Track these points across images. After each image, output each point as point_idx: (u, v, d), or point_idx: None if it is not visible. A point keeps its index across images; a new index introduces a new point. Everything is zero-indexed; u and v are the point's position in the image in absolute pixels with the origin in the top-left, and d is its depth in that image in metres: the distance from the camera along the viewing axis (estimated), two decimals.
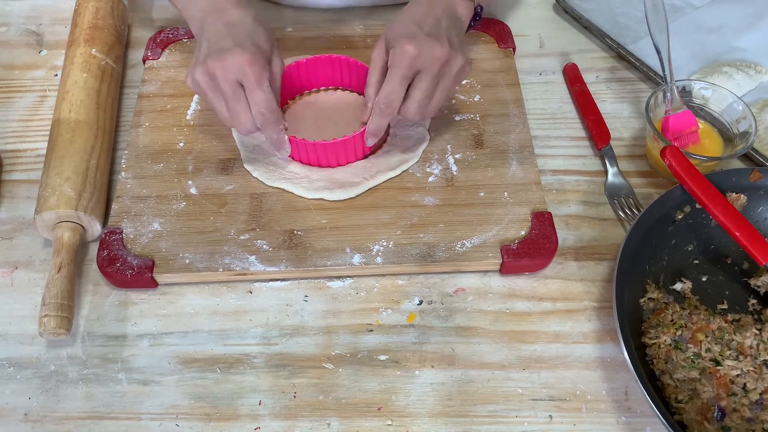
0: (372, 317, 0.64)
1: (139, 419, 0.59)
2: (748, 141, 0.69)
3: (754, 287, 0.65)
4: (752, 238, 0.60)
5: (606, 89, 0.82)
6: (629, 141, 0.77)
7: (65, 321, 0.60)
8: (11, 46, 0.87)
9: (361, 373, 0.61)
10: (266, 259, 0.65)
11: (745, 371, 0.58)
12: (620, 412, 0.59)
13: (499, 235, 0.66)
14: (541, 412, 0.59)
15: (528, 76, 0.82)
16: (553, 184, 0.73)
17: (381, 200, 0.69)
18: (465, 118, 0.75)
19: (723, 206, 0.61)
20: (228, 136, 0.74)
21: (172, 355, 0.62)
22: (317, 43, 0.83)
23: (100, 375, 0.61)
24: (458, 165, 0.72)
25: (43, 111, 0.80)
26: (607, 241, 0.69)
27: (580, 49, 0.86)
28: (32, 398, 0.60)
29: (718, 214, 0.61)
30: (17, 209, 0.72)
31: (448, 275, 0.66)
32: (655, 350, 0.60)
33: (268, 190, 0.70)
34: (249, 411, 0.59)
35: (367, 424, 0.58)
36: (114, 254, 0.65)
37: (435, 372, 0.61)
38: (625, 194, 0.72)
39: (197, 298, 0.65)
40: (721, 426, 0.56)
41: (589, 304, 0.65)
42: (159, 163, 0.72)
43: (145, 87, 0.79)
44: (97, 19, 0.80)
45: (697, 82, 0.74)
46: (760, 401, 0.57)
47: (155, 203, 0.69)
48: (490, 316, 0.64)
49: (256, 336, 0.63)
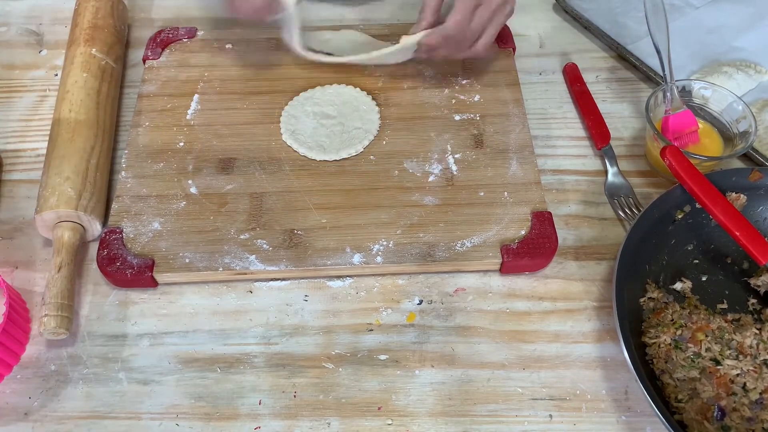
0: (372, 317, 0.64)
1: (139, 419, 0.59)
2: (748, 141, 0.69)
3: (754, 287, 0.65)
4: (752, 238, 0.60)
5: (606, 89, 0.82)
6: (629, 141, 0.77)
7: (65, 321, 0.60)
8: (11, 46, 0.87)
9: (361, 373, 0.61)
10: (266, 258, 0.65)
11: (745, 371, 0.58)
12: (620, 412, 0.59)
13: (499, 234, 0.66)
14: (541, 411, 0.59)
15: (528, 76, 0.82)
16: (553, 184, 0.73)
17: (381, 200, 0.69)
18: (465, 118, 0.75)
19: (723, 206, 0.61)
20: (228, 135, 0.74)
21: (172, 355, 0.62)
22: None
23: (100, 375, 0.61)
24: (458, 165, 0.72)
25: (43, 111, 0.80)
26: (607, 241, 0.69)
27: (580, 49, 0.86)
28: (32, 398, 0.60)
29: (718, 214, 0.61)
30: (17, 209, 0.72)
31: (448, 275, 0.66)
32: (655, 350, 0.60)
33: (269, 190, 0.70)
34: (249, 411, 0.59)
35: (367, 423, 0.58)
36: (114, 254, 0.65)
37: (435, 372, 0.61)
38: (625, 194, 0.72)
39: (197, 298, 0.65)
40: (721, 425, 0.56)
41: (589, 304, 0.65)
42: (159, 162, 0.72)
43: (145, 87, 0.79)
44: (97, 18, 0.80)
45: (697, 82, 0.74)
46: (760, 401, 0.57)
47: (155, 203, 0.69)
48: (490, 315, 0.64)
49: (256, 336, 0.63)
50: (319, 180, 0.71)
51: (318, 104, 0.76)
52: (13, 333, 0.60)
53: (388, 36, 0.82)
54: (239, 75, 0.80)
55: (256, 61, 0.80)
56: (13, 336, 0.60)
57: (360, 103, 0.76)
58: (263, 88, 0.78)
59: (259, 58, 0.81)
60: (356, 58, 0.77)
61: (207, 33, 0.84)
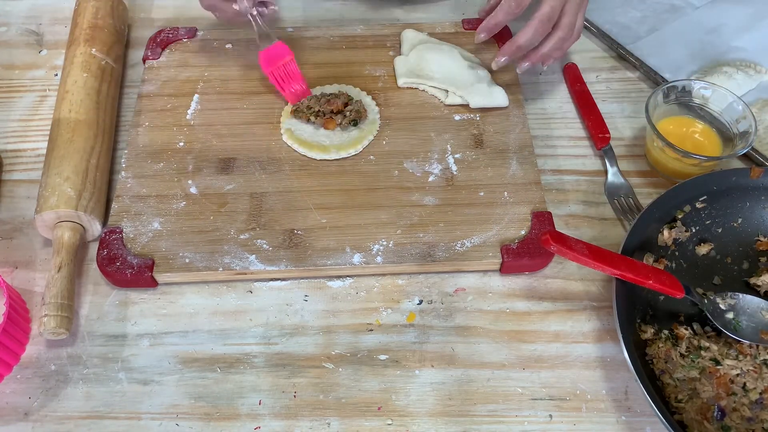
0: (372, 317, 0.64)
1: (139, 419, 0.59)
2: (748, 141, 0.68)
3: (754, 287, 0.65)
4: (663, 280, 0.58)
5: (606, 89, 0.82)
6: (629, 141, 0.77)
7: (65, 321, 0.60)
8: (11, 46, 0.87)
9: (361, 373, 0.61)
10: (266, 258, 0.65)
11: (744, 371, 0.58)
12: (620, 412, 0.59)
13: (499, 234, 0.66)
14: (541, 411, 0.59)
15: (528, 76, 0.82)
16: (553, 184, 0.73)
17: (381, 200, 0.69)
18: (465, 118, 0.75)
19: (626, 263, 0.58)
20: (228, 135, 0.74)
21: (172, 355, 0.62)
22: (317, 43, 0.83)
23: (100, 375, 0.61)
24: (458, 165, 0.72)
25: (43, 111, 0.80)
26: (607, 241, 0.69)
27: (580, 49, 0.85)
28: (32, 398, 0.60)
29: (625, 272, 0.58)
30: (17, 209, 0.72)
31: (448, 275, 0.66)
32: (655, 350, 0.60)
33: (269, 190, 0.70)
34: (249, 411, 0.59)
35: (367, 423, 0.58)
36: (114, 253, 0.65)
37: (435, 371, 0.61)
38: (625, 194, 0.72)
39: (197, 298, 0.65)
40: (721, 425, 0.56)
41: (588, 304, 0.65)
42: (159, 162, 0.72)
43: (145, 87, 0.79)
44: (97, 18, 0.80)
45: (697, 82, 0.74)
46: (759, 401, 0.57)
47: (155, 203, 0.69)
48: (490, 315, 0.64)
49: (256, 336, 0.63)
50: (319, 180, 0.71)
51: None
52: (13, 333, 0.60)
53: (388, 36, 0.83)
54: (239, 75, 0.80)
55: (256, 60, 0.80)
56: (13, 336, 0.60)
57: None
58: (263, 88, 0.78)
59: None
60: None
61: (207, 33, 0.84)
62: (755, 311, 0.61)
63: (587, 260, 0.57)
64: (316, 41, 0.83)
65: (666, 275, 0.58)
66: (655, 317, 0.62)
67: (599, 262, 0.57)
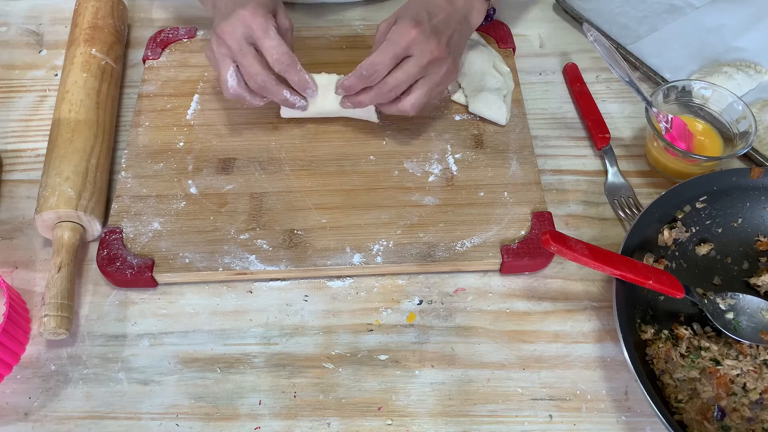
0: (372, 317, 0.64)
1: (139, 419, 0.59)
2: (748, 141, 0.68)
3: (754, 287, 0.65)
4: (663, 280, 0.58)
5: (606, 89, 0.82)
6: (629, 141, 0.77)
7: (65, 321, 0.60)
8: (11, 46, 0.87)
9: (361, 373, 0.61)
10: (266, 258, 0.65)
11: (744, 371, 0.58)
12: (620, 412, 0.59)
13: (499, 234, 0.66)
14: (541, 411, 0.59)
15: (528, 76, 0.82)
16: (553, 184, 0.73)
17: (381, 200, 0.69)
18: (465, 118, 0.75)
19: (625, 263, 0.58)
20: (228, 135, 0.74)
21: (172, 355, 0.62)
22: (317, 42, 0.83)
23: (100, 375, 0.61)
24: (458, 165, 0.72)
25: (43, 111, 0.80)
26: (607, 241, 0.69)
27: (580, 49, 0.86)
28: (32, 398, 0.60)
29: (625, 273, 0.58)
30: (17, 209, 0.72)
31: (448, 275, 0.66)
32: (655, 350, 0.60)
33: (269, 190, 0.70)
34: (249, 411, 0.59)
35: (367, 423, 0.58)
36: (114, 254, 0.65)
37: (435, 372, 0.61)
38: (625, 194, 0.72)
39: (197, 298, 0.65)
40: (721, 425, 0.56)
41: (589, 304, 0.65)
42: (159, 162, 0.72)
43: (145, 87, 0.79)
44: (97, 18, 0.80)
45: (697, 82, 0.74)
46: (760, 401, 0.57)
47: (155, 203, 0.69)
48: (490, 315, 0.64)
49: (256, 336, 0.63)
50: (319, 180, 0.71)
51: None
52: (13, 333, 0.60)
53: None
54: None
55: None
56: (13, 336, 0.60)
57: None
58: None
59: None
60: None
61: (207, 33, 0.84)
62: (755, 311, 0.61)
63: (587, 260, 0.57)
64: (316, 41, 0.83)
65: (666, 275, 0.58)
66: (655, 317, 0.62)
67: (599, 262, 0.57)
